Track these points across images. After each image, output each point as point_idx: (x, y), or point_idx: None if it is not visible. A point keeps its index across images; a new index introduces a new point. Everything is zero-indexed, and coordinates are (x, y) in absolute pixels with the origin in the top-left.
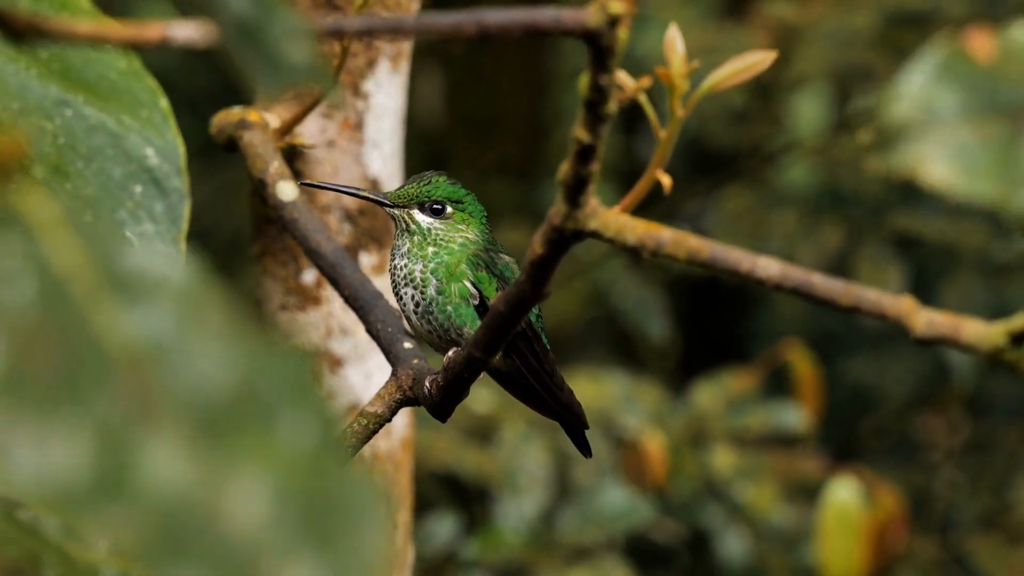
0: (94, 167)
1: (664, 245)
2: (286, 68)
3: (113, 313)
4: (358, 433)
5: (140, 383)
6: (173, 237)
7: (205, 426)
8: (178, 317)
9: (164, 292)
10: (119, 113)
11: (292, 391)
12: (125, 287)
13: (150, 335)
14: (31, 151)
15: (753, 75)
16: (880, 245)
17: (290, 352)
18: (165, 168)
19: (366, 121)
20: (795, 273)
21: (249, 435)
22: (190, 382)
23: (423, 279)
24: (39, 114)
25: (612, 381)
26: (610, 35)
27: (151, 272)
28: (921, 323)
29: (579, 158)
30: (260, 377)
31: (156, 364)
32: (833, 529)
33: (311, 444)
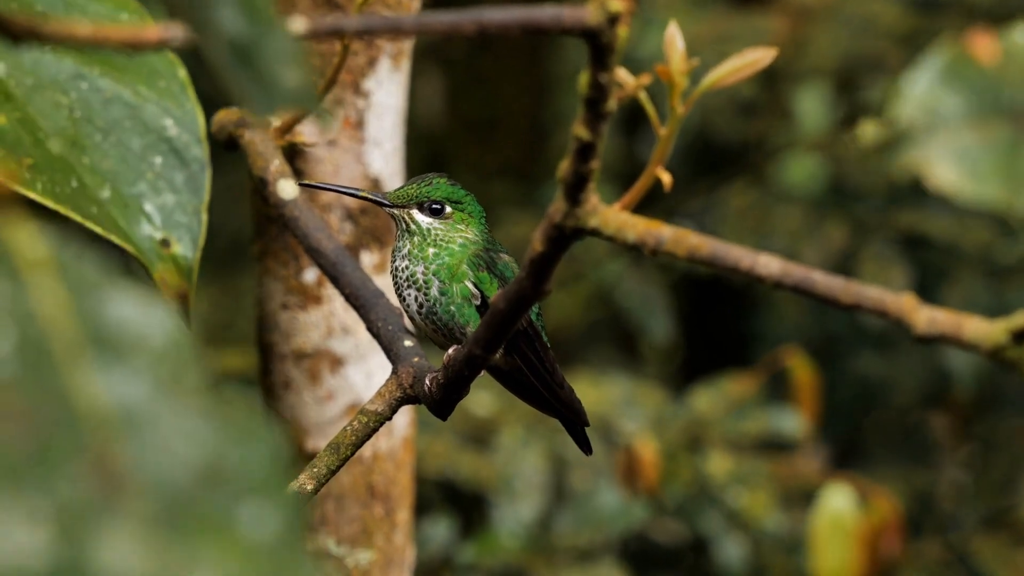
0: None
1: (664, 242)
2: (279, 91)
3: (90, 374)
4: (358, 431)
5: (108, 461)
6: (195, 208)
7: (167, 513)
8: (154, 381)
9: (144, 351)
10: (136, 84)
11: (260, 477)
12: (105, 343)
13: (124, 401)
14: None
15: (753, 73)
16: (885, 244)
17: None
18: (185, 138)
19: (367, 119)
20: (795, 271)
21: (210, 526)
22: (158, 460)
23: (425, 281)
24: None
25: (613, 385)
26: (609, 33)
27: (134, 326)
28: (922, 321)
29: (579, 156)
30: (229, 458)
31: (126, 437)
32: (826, 536)
33: (272, 538)
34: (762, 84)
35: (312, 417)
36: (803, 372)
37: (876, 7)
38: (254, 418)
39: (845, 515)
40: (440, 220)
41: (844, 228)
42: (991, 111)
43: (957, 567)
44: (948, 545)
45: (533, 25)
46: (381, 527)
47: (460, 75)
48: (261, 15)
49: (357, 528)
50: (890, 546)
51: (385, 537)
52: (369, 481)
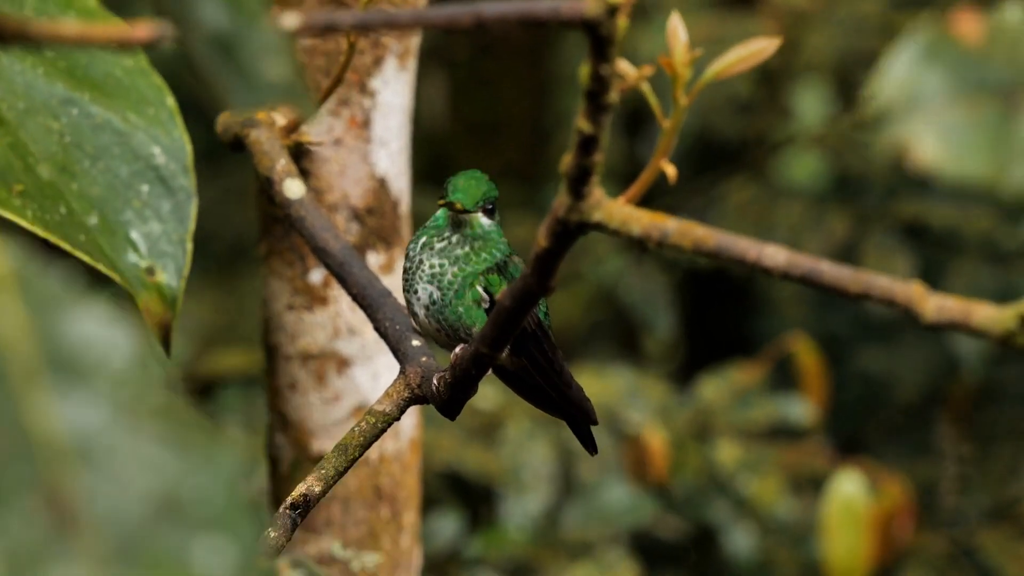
0: (100, 166)
1: (669, 235)
2: (262, 86)
3: (47, 400)
4: (366, 432)
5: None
6: (180, 237)
7: (120, 551)
8: (113, 407)
9: (103, 374)
10: (125, 111)
11: (216, 510)
12: (64, 365)
13: (82, 429)
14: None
15: (757, 62)
16: (887, 234)
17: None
18: (172, 167)
19: (373, 119)
20: (802, 261)
21: (165, 562)
22: (114, 493)
23: (451, 281)
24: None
25: (617, 376)
26: (609, 24)
27: (93, 347)
28: (931, 309)
29: (582, 149)
30: (186, 489)
31: (82, 468)
32: (838, 523)
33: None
34: (759, 83)
35: (318, 419)
36: (809, 358)
37: (866, 7)
38: (214, 442)
39: (856, 500)
40: (494, 222)
41: (845, 220)
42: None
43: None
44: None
45: (531, 17)
46: (388, 529)
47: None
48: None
49: (364, 531)
50: (901, 531)
51: (392, 540)
52: (376, 483)
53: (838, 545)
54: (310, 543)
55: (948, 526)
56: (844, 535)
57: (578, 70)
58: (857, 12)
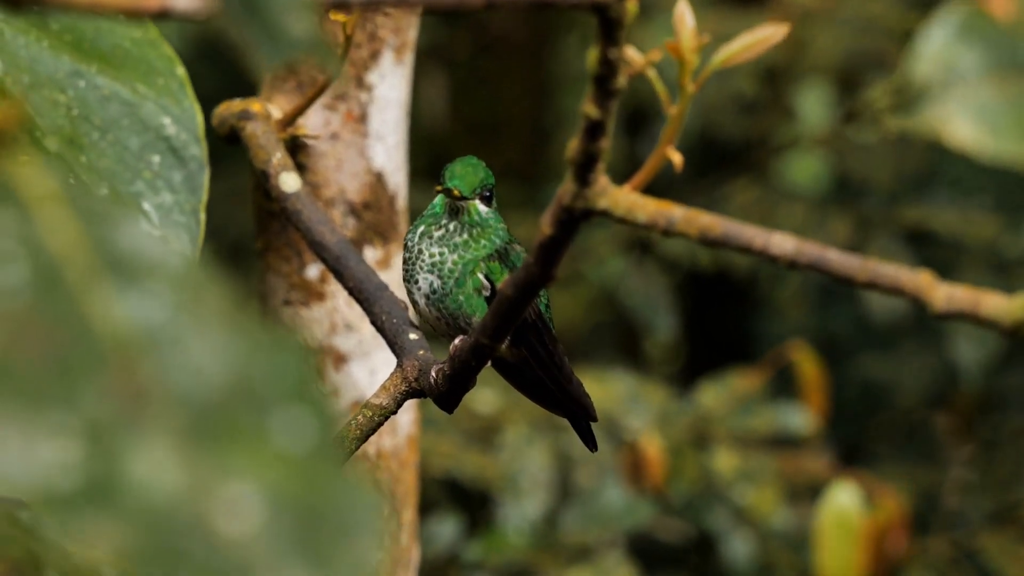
0: (110, 138)
1: (675, 223)
2: (287, 42)
3: (107, 298)
4: (363, 426)
5: (132, 378)
6: (193, 207)
7: (197, 426)
8: (174, 303)
9: (161, 275)
10: (134, 82)
11: (290, 387)
12: (120, 269)
13: (144, 322)
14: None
15: (764, 50)
16: (889, 239)
17: (290, 343)
18: (183, 136)
19: (370, 113)
20: (810, 249)
21: (242, 436)
22: (183, 376)
23: (451, 269)
24: (51, 86)
25: (617, 381)
26: (619, 7)
27: (149, 253)
28: (940, 298)
29: (588, 134)
30: (256, 370)
31: (149, 355)
32: (832, 534)
33: (307, 447)
34: (764, 83)
35: None
36: (810, 367)
37: (874, 7)
38: (279, 333)
39: (850, 513)
40: (491, 210)
41: (848, 224)
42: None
43: (964, 564)
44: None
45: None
46: (386, 527)
47: (463, 77)
48: None
49: None
50: (896, 545)
51: (390, 537)
52: (373, 479)
53: (831, 557)
54: None
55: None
56: (837, 547)
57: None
58: (865, 12)
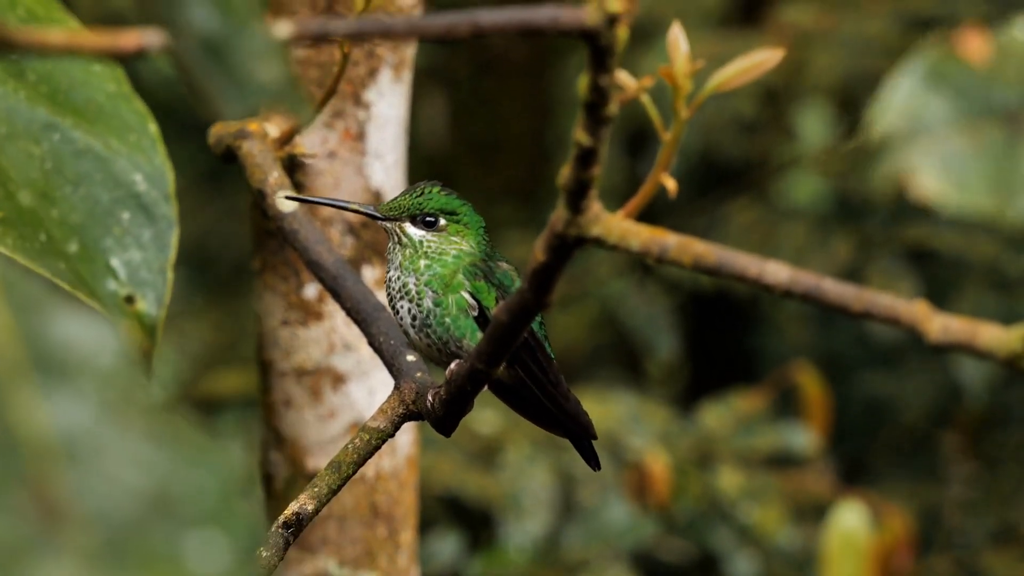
0: (81, 192)
1: (669, 250)
2: (254, 89)
3: (33, 398)
4: (360, 449)
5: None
6: (160, 266)
7: (109, 547)
8: (100, 405)
9: (90, 373)
10: (107, 137)
11: (210, 506)
12: (50, 365)
13: (69, 427)
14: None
15: (759, 74)
16: (891, 259)
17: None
18: (153, 194)
19: (367, 131)
20: (805, 278)
21: (155, 560)
22: (101, 489)
23: (418, 291)
24: (27, 138)
25: (619, 401)
26: (609, 34)
27: (79, 346)
28: (936, 329)
29: (580, 162)
30: (177, 486)
31: (70, 465)
32: (838, 554)
33: (221, 571)
34: (763, 103)
35: (313, 435)
36: (813, 387)
37: (872, 27)
38: (206, 440)
39: (856, 533)
40: (433, 232)
41: (850, 243)
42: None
43: None
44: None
45: (530, 26)
46: (384, 548)
47: (463, 97)
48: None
49: (360, 549)
50: (901, 565)
51: (389, 558)
52: (372, 501)
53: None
54: (306, 562)
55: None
56: (844, 567)
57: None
58: (863, 32)
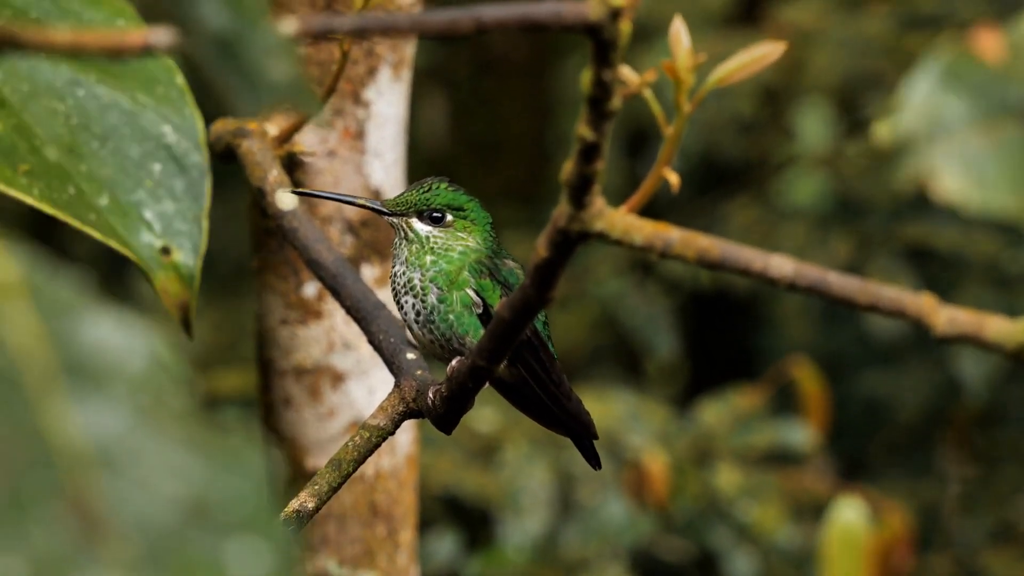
0: (110, 146)
1: (673, 245)
2: (266, 86)
3: (64, 408)
4: (360, 447)
5: (85, 503)
6: (195, 215)
7: (150, 556)
8: (133, 410)
9: (121, 378)
10: (134, 91)
11: (248, 512)
12: (81, 371)
13: (101, 435)
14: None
15: (761, 68)
16: (890, 257)
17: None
18: (184, 145)
19: (367, 130)
20: (810, 271)
21: (197, 567)
22: (140, 499)
23: (423, 287)
24: (50, 95)
25: (618, 400)
26: (612, 28)
27: (111, 350)
28: (942, 321)
29: (583, 157)
30: (215, 492)
31: (106, 475)
32: (837, 551)
33: None
34: (763, 103)
35: (313, 435)
36: (811, 384)
37: (871, 27)
38: (244, 444)
39: (856, 529)
40: (440, 228)
41: (849, 242)
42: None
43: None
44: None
45: (532, 21)
46: (384, 547)
47: (464, 97)
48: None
49: (359, 549)
50: (901, 561)
51: (388, 558)
52: (372, 500)
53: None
54: (306, 562)
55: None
56: (844, 564)
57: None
58: (863, 32)
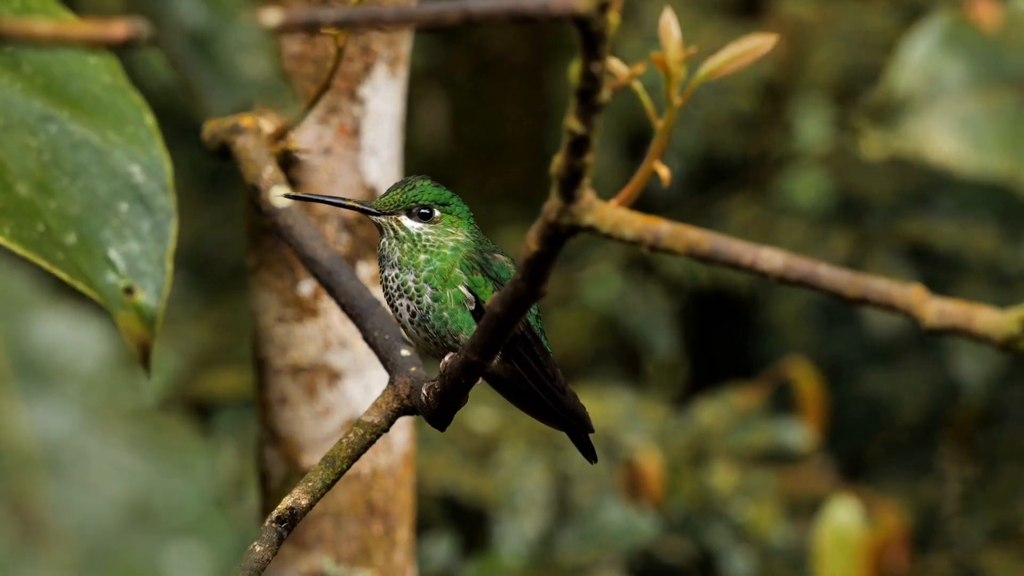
0: (79, 184)
1: (663, 238)
2: (240, 83)
3: (14, 408)
4: (354, 444)
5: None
6: (159, 256)
7: (89, 560)
8: (83, 411)
9: (73, 378)
10: (104, 129)
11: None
12: (32, 370)
13: (50, 435)
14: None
15: (753, 59)
16: (889, 255)
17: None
18: (151, 185)
19: (363, 127)
20: (800, 264)
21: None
22: (83, 501)
23: (417, 288)
24: (23, 130)
25: (616, 399)
26: (600, 20)
27: (63, 349)
28: (932, 313)
29: (572, 150)
30: (159, 493)
31: (50, 476)
32: (831, 550)
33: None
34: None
35: (309, 433)
36: (808, 383)
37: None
38: (191, 445)
39: (849, 529)
40: (430, 224)
41: (848, 240)
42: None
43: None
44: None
45: (520, 13)
46: (380, 545)
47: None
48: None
49: (356, 547)
50: (895, 561)
51: (385, 556)
52: (368, 498)
53: (831, 573)
54: (301, 560)
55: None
56: (837, 563)
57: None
58: (862, 26)
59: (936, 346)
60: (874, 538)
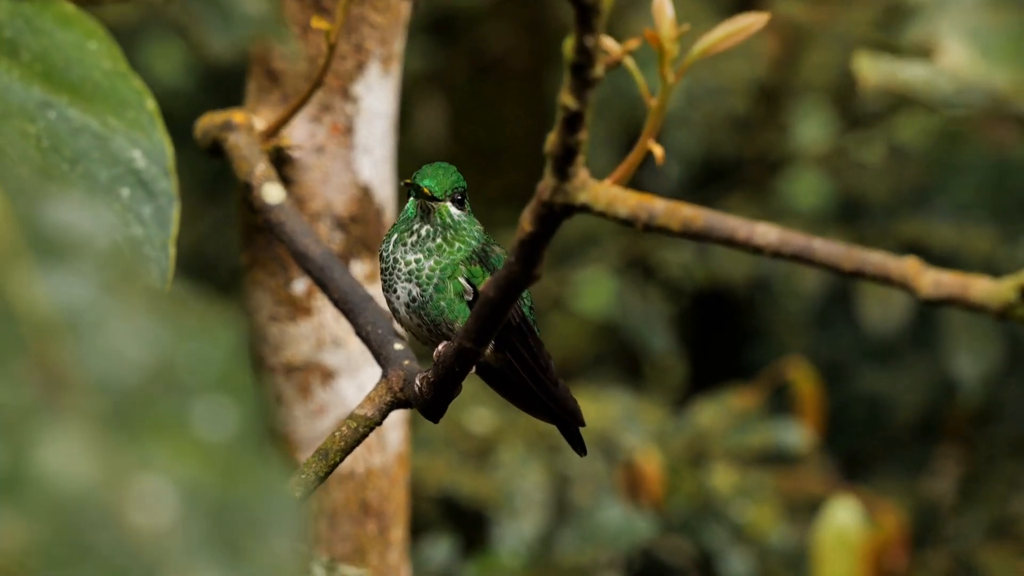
0: (80, 170)
1: (657, 216)
2: (239, 20)
3: (30, 278)
4: (347, 437)
5: (50, 363)
6: (162, 241)
7: (115, 413)
8: (99, 283)
9: (87, 254)
10: (104, 114)
11: (214, 374)
12: (46, 247)
13: (67, 304)
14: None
15: (745, 38)
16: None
17: (219, 329)
18: (153, 170)
19: (356, 126)
20: (795, 239)
21: (162, 425)
22: (104, 361)
23: (428, 275)
24: (22, 117)
25: (614, 400)
26: None
27: (76, 230)
28: (927, 283)
29: (566, 126)
30: (181, 357)
31: (70, 339)
32: (830, 551)
33: (228, 438)
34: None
35: (303, 432)
36: (806, 383)
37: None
38: (209, 315)
39: (849, 529)
40: (464, 212)
41: (846, 239)
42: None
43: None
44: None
45: None
46: (375, 545)
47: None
48: None
49: (350, 546)
50: (895, 561)
51: (379, 555)
52: (362, 498)
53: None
54: None
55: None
56: (837, 564)
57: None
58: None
59: (933, 345)
60: (874, 538)
